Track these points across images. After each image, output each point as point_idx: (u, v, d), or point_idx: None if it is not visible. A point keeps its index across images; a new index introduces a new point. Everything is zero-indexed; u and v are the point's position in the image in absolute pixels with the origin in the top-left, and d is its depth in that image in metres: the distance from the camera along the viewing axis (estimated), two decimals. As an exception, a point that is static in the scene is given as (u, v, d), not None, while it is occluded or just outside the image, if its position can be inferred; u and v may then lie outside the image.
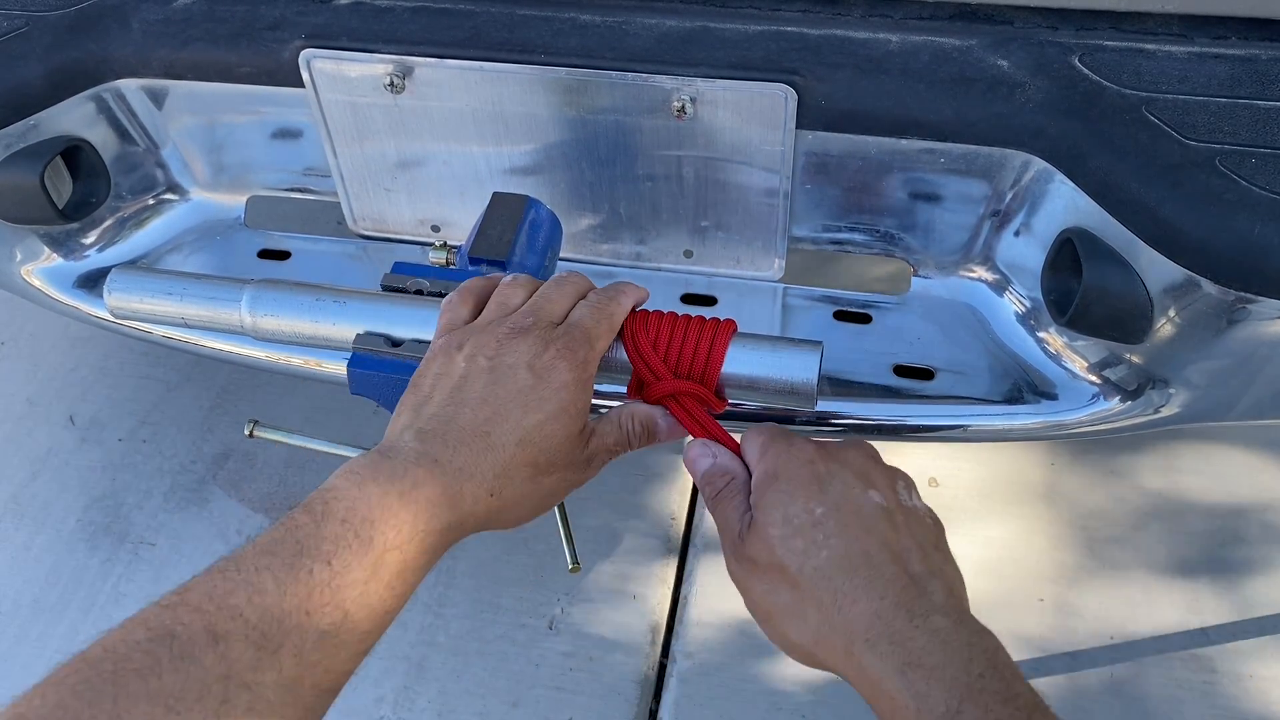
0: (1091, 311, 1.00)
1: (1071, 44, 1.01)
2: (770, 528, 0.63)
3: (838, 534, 0.62)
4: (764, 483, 0.66)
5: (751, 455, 0.70)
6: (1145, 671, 1.60)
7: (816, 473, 0.65)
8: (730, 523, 0.67)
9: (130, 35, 1.16)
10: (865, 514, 0.64)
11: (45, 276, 1.31)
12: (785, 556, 0.62)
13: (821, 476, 0.65)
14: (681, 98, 1.06)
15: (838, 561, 0.60)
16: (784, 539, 0.62)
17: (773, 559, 0.62)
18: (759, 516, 0.64)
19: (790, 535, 0.62)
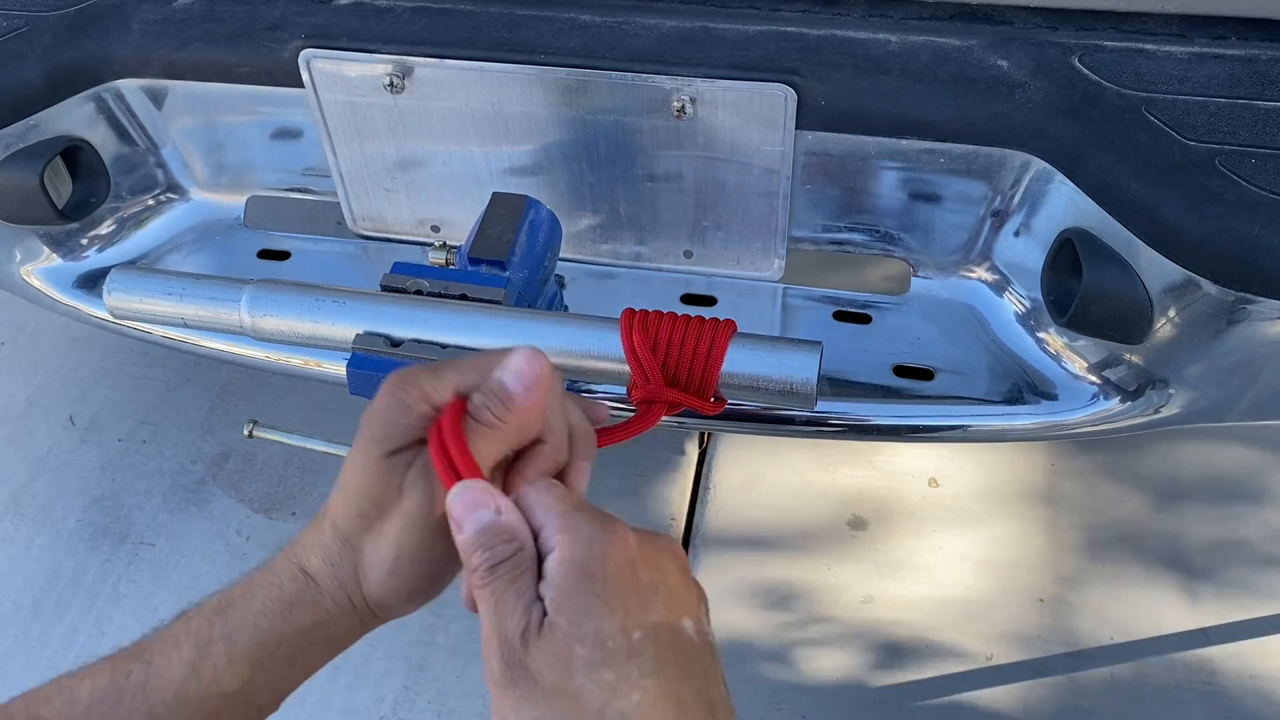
0: (1091, 312, 1.00)
1: (1071, 44, 1.01)
2: (576, 645, 0.48)
3: (654, 672, 0.49)
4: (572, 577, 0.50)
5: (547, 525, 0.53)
6: (1145, 671, 1.60)
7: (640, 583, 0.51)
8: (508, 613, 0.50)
9: (130, 35, 1.16)
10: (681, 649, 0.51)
11: (45, 276, 1.31)
12: (585, 688, 0.47)
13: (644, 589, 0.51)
14: (681, 98, 1.06)
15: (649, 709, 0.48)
16: (591, 666, 0.48)
17: (567, 685, 0.48)
18: (562, 623, 0.49)
19: (600, 663, 0.48)
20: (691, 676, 0.51)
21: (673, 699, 0.49)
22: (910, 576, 1.72)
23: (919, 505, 1.81)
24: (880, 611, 1.68)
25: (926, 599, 1.69)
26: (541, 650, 0.49)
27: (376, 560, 0.59)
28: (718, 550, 1.77)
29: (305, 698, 1.64)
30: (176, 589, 1.78)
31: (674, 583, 0.53)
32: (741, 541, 1.78)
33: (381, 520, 0.58)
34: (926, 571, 1.72)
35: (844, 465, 1.87)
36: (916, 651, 1.63)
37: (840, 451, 1.89)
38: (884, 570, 1.73)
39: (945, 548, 1.75)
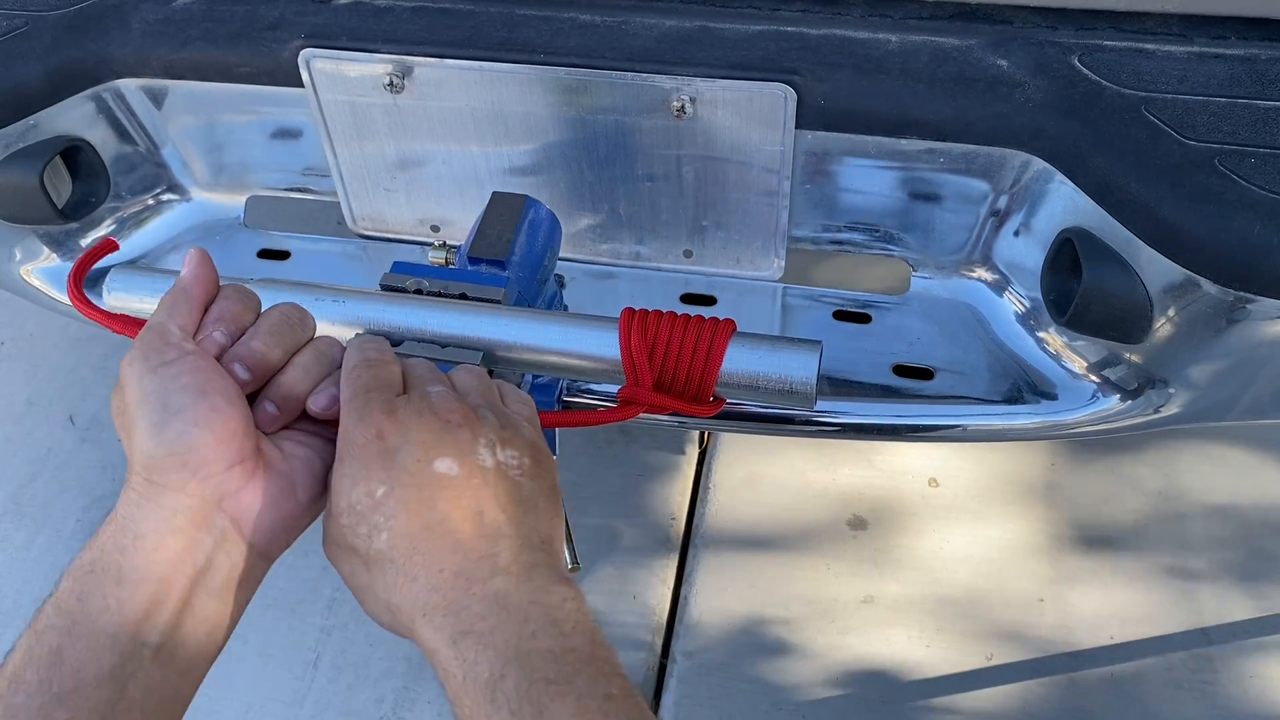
0: (1091, 311, 1.00)
1: (1071, 44, 1.01)
2: (341, 518, 0.62)
3: (398, 513, 0.59)
4: (334, 469, 0.63)
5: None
6: (1145, 671, 1.60)
7: (383, 449, 0.61)
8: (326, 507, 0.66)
9: (130, 35, 1.16)
10: (428, 485, 0.60)
11: (45, 276, 1.31)
12: (354, 542, 0.61)
13: (388, 452, 0.61)
14: (681, 98, 1.06)
15: (397, 542, 0.59)
16: (351, 527, 0.61)
17: (344, 545, 0.62)
18: (330, 503, 0.63)
19: (355, 522, 0.61)
20: (437, 505, 0.59)
21: (419, 525, 0.59)
22: (910, 576, 1.72)
23: (919, 505, 1.81)
24: (880, 611, 1.68)
25: (926, 599, 1.69)
26: (328, 526, 0.64)
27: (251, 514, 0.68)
28: (718, 550, 1.77)
29: (305, 698, 1.64)
30: (176, 589, 1.78)
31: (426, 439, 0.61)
32: (741, 541, 1.78)
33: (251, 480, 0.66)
34: (926, 571, 1.72)
35: (844, 465, 1.87)
36: (916, 651, 1.63)
37: (840, 451, 1.89)
38: (884, 570, 1.73)
39: (945, 548, 1.75)
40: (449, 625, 0.55)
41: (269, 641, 1.72)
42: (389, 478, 0.60)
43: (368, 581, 0.61)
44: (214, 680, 1.72)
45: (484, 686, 0.52)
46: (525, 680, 0.51)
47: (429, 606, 0.56)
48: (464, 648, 0.54)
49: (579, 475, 1.88)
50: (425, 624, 0.56)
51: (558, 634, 0.54)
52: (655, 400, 0.77)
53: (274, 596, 1.77)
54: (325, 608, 1.75)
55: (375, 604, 0.61)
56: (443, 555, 0.58)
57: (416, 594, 0.57)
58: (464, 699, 0.53)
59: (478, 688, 0.52)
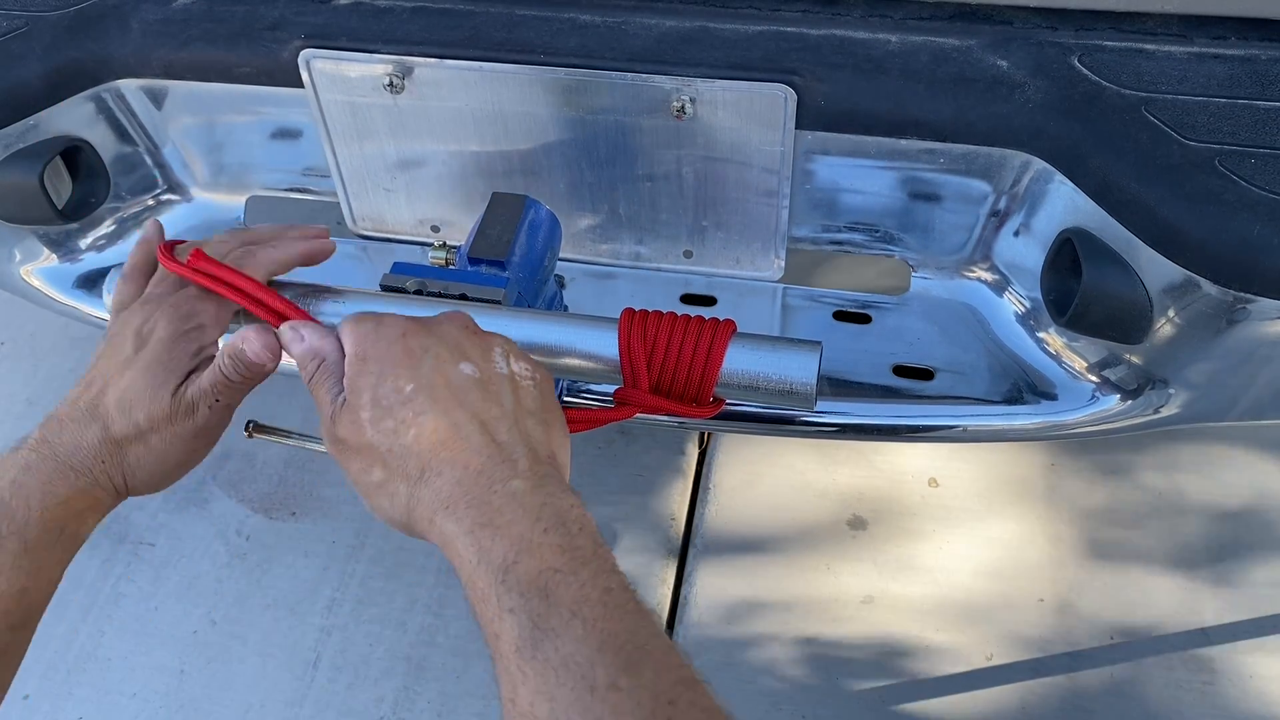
0: (1091, 312, 1.00)
1: (1071, 44, 1.01)
2: (361, 410, 0.63)
3: (427, 410, 0.62)
4: (354, 365, 0.66)
5: (345, 338, 0.69)
6: (1145, 671, 1.60)
7: (409, 348, 0.65)
8: (324, 405, 0.67)
9: (130, 35, 1.16)
10: (455, 387, 0.64)
11: (45, 276, 1.31)
12: (375, 438, 0.63)
13: (413, 352, 0.65)
14: (681, 98, 1.06)
15: (426, 437, 0.62)
16: (374, 421, 0.63)
17: (363, 440, 0.63)
18: (350, 399, 0.65)
19: (380, 417, 0.63)
20: (465, 404, 0.63)
21: (447, 424, 0.62)
22: (910, 576, 1.72)
23: (919, 505, 1.81)
24: (880, 611, 1.68)
25: (926, 599, 1.69)
26: (342, 421, 0.65)
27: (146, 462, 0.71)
28: (718, 550, 1.77)
29: (305, 698, 1.65)
30: (176, 589, 1.78)
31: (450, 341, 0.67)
32: (741, 541, 1.78)
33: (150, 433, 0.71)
34: (926, 571, 1.72)
35: (844, 465, 1.87)
36: (916, 651, 1.63)
37: (840, 451, 1.89)
38: (884, 570, 1.73)
39: (945, 548, 1.75)
40: (469, 517, 0.59)
41: (269, 641, 1.72)
42: (417, 376, 0.64)
43: (383, 478, 0.63)
44: (214, 680, 1.72)
45: (497, 569, 0.56)
46: (535, 567, 0.55)
47: (452, 500, 0.60)
48: (481, 537, 0.58)
49: (579, 475, 1.86)
50: (447, 516, 0.59)
51: (565, 533, 0.58)
52: (650, 402, 0.77)
53: (274, 596, 1.77)
54: (325, 608, 1.75)
55: (387, 500, 0.63)
56: (468, 455, 0.61)
57: (440, 488, 0.60)
58: (477, 581, 0.57)
59: (491, 571, 0.56)
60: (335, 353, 0.69)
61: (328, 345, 0.69)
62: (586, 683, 0.50)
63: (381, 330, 0.66)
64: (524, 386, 0.67)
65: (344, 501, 1.88)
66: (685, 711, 0.50)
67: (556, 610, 0.53)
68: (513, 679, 0.53)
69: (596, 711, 0.49)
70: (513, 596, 0.55)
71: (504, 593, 0.55)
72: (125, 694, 1.67)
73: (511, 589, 0.55)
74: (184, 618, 1.75)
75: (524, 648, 0.53)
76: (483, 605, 0.56)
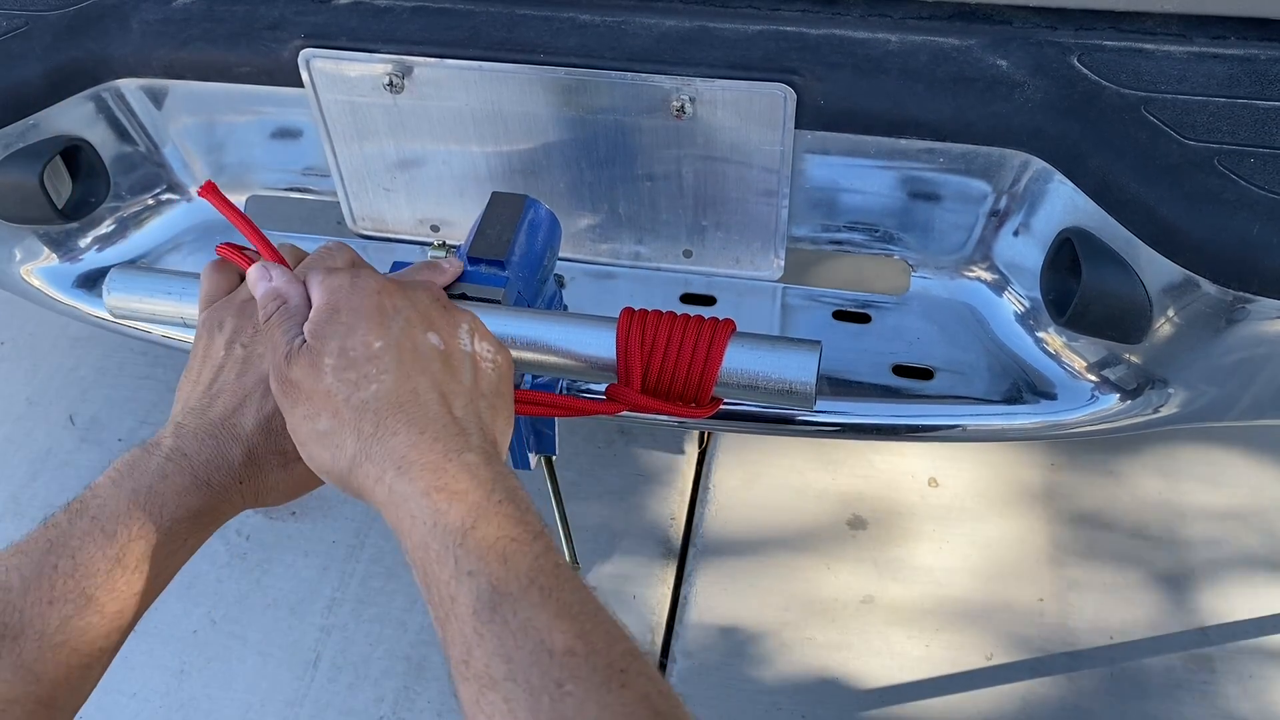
0: (1090, 311, 1.00)
1: (1070, 44, 1.01)
2: (325, 357, 0.64)
3: (391, 370, 0.64)
4: (324, 313, 0.66)
5: (314, 285, 0.70)
6: (1145, 671, 1.60)
7: (381, 306, 0.66)
8: (278, 345, 0.67)
9: (130, 35, 1.16)
10: (421, 353, 0.65)
11: (45, 276, 1.31)
12: (334, 387, 0.63)
13: (386, 312, 0.66)
14: (680, 97, 1.06)
15: (386, 396, 0.62)
16: (337, 370, 0.63)
17: (319, 387, 0.63)
18: (315, 345, 0.65)
19: (344, 367, 0.64)
20: (427, 373, 0.65)
21: (408, 389, 0.63)
22: (910, 576, 1.72)
23: (919, 505, 1.81)
24: (880, 611, 1.68)
25: (926, 599, 1.69)
26: (299, 364, 0.65)
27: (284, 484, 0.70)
28: (718, 550, 1.77)
29: (305, 698, 1.65)
30: (176, 589, 1.77)
31: (421, 309, 0.68)
32: (741, 541, 1.78)
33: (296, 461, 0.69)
34: (926, 571, 1.72)
35: (844, 465, 1.87)
36: (916, 651, 1.63)
37: (840, 451, 1.89)
38: (884, 570, 1.73)
39: (945, 548, 1.75)
40: (424, 479, 0.59)
41: (269, 641, 1.72)
42: (386, 335, 0.65)
43: (330, 427, 0.63)
44: (214, 679, 1.72)
45: (454, 532, 0.57)
46: (492, 534, 0.56)
47: (406, 461, 0.60)
48: (438, 500, 0.58)
49: (579, 475, 1.88)
50: (399, 476, 0.60)
51: (517, 507, 0.59)
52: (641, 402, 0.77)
53: (274, 596, 1.77)
54: (325, 608, 1.75)
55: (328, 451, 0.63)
56: (424, 420, 0.62)
57: (394, 448, 0.61)
58: (431, 543, 0.57)
59: (448, 533, 0.57)
60: (299, 300, 0.69)
61: (293, 290, 0.70)
62: (545, 646, 0.52)
63: (357, 285, 0.67)
64: (484, 368, 0.69)
65: (344, 502, 1.88)
66: (634, 679, 0.51)
67: (515, 576, 0.55)
68: (467, 640, 0.53)
69: (554, 674, 0.51)
70: (471, 559, 0.55)
71: (462, 555, 0.56)
72: (125, 694, 1.67)
73: (470, 552, 0.56)
74: (184, 617, 1.75)
75: (481, 610, 0.53)
76: (437, 567, 0.56)
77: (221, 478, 0.68)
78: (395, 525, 0.60)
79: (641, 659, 0.53)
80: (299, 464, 0.69)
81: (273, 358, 0.66)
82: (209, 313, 0.76)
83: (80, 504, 0.65)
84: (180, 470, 0.66)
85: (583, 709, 0.49)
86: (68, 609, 0.60)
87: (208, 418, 0.69)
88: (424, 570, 0.57)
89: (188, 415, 0.70)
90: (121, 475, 0.66)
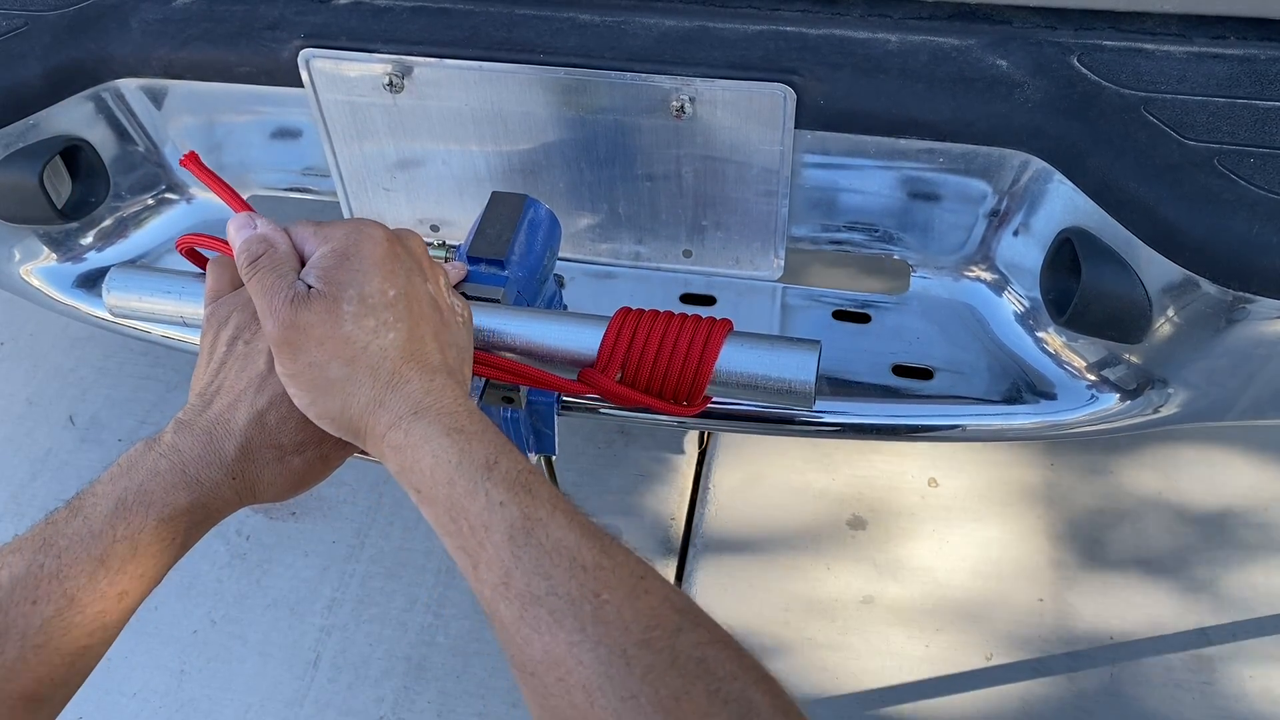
0: (1090, 311, 1.00)
1: (1070, 44, 1.01)
2: (345, 304, 0.64)
3: (405, 318, 0.66)
4: (335, 258, 0.66)
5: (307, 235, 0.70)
6: (1145, 671, 1.60)
7: (394, 253, 0.68)
8: (276, 289, 0.66)
9: (129, 35, 1.16)
10: (424, 303, 0.68)
11: (45, 276, 1.31)
12: (354, 333, 0.64)
13: (398, 258, 0.68)
14: (680, 97, 1.06)
15: (401, 343, 0.65)
16: (357, 316, 0.64)
17: (336, 333, 0.64)
18: (331, 290, 0.65)
19: (364, 313, 0.64)
20: (429, 322, 0.68)
21: (416, 337, 0.66)
22: (910, 576, 1.72)
23: (919, 505, 1.81)
24: (880, 611, 1.68)
25: (926, 599, 1.69)
26: (312, 309, 0.64)
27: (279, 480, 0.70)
28: (718, 550, 1.77)
29: (305, 698, 1.64)
30: (176, 589, 1.78)
31: (419, 260, 0.71)
32: (741, 541, 1.78)
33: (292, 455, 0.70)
34: (926, 571, 1.72)
35: (844, 465, 1.87)
36: (916, 651, 1.63)
37: (840, 451, 1.89)
38: (884, 570, 1.73)
39: (945, 548, 1.75)
40: (444, 421, 0.62)
41: (269, 641, 1.72)
42: (398, 284, 0.67)
43: (344, 374, 0.64)
44: (214, 680, 1.72)
45: (481, 468, 0.60)
46: (514, 467, 0.60)
47: (422, 406, 0.63)
48: (459, 440, 0.61)
49: (579, 475, 1.88)
50: (417, 420, 0.62)
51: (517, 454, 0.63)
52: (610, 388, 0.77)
53: (274, 596, 1.77)
54: (325, 608, 1.75)
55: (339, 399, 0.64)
56: (432, 369, 0.65)
57: (410, 394, 0.63)
58: (459, 478, 0.60)
59: (475, 469, 0.60)
60: (287, 246, 0.69)
61: (279, 236, 0.70)
62: (578, 562, 0.56)
63: (365, 233, 0.68)
64: (457, 322, 0.73)
65: (344, 502, 1.88)
66: (653, 584, 0.56)
67: (541, 503, 0.59)
68: (505, 565, 0.57)
69: (590, 585, 0.55)
70: (500, 490, 0.59)
71: (492, 488, 0.59)
72: (125, 694, 1.67)
73: (498, 484, 0.59)
74: (184, 617, 1.75)
75: (516, 535, 0.57)
76: (467, 500, 0.59)
77: (212, 474, 0.67)
78: (410, 467, 0.62)
79: (653, 569, 0.58)
80: (294, 458, 0.69)
81: (270, 302, 0.65)
82: (213, 308, 0.75)
83: (79, 501, 0.65)
84: (172, 467, 0.66)
85: (620, 612, 0.54)
86: (48, 609, 0.60)
87: (206, 415, 0.69)
88: (450, 505, 0.60)
89: (190, 411, 0.70)
90: (120, 472, 0.66)
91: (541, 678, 0.54)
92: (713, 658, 0.54)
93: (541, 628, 0.55)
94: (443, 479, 0.60)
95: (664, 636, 0.54)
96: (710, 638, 0.56)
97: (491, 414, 0.91)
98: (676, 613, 0.56)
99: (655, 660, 0.53)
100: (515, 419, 0.89)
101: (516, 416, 0.89)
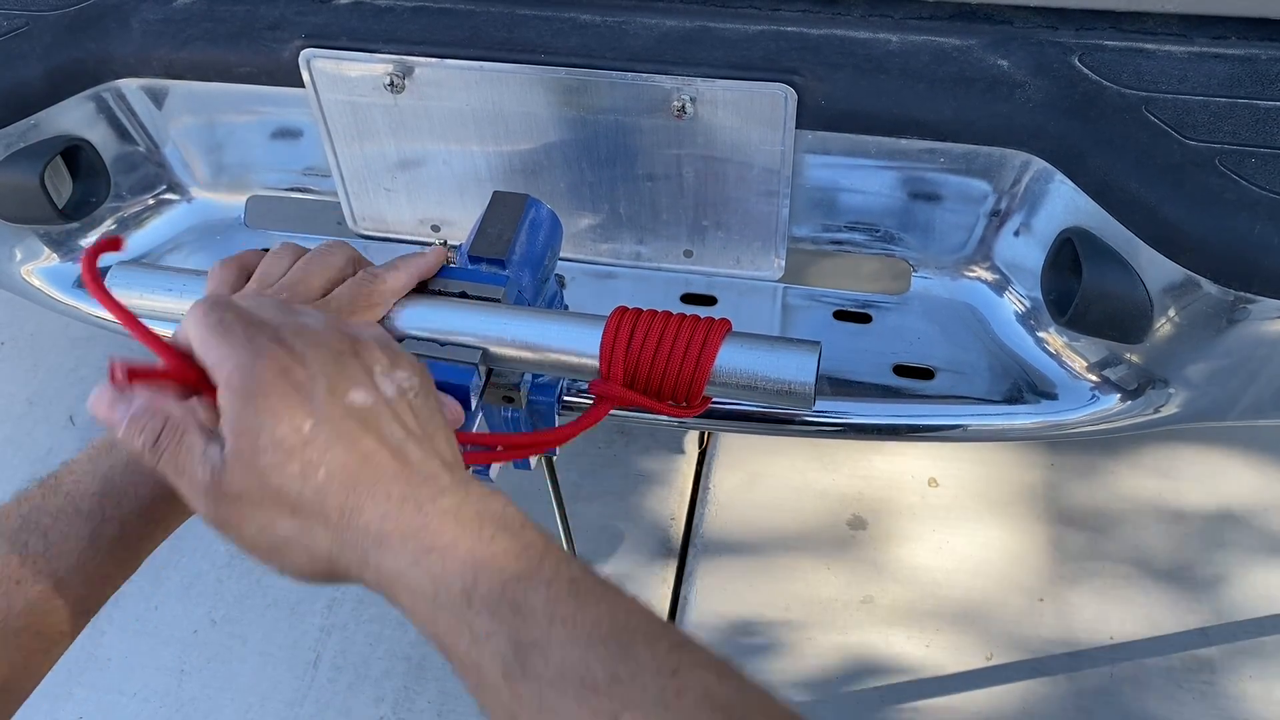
0: (1091, 311, 1.00)
1: (1071, 44, 1.01)
2: (260, 456, 0.55)
3: (333, 444, 0.56)
4: (238, 401, 0.56)
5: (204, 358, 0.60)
6: (1145, 671, 1.60)
7: (297, 383, 0.57)
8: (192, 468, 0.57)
9: (130, 35, 1.16)
10: (354, 414, 0.58)
11: (45, 276, 1.31)
12: (284, 483, 0.55)
13: (302, 387, 0.57)
14: (681, 97, 1.06)
15: (338, 475, 0.56)
16: (277, 467, 0.55)
17: (267, 491, 0.55)
18: (241, 445, 0.56)
19: (284, 461, 0.55)
20: (369, 431, 0.57)
21: (356, 457, 0.56)
22: (910, 576, 1.72)
23: (919, 505, 1.81)
24: (880, 612, 1.68)
25: (926, 599, 1.69)
26: (234, 475, 0.56)
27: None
28: (718, 550, 1.77)
29: (305, 698, 1.64)
30: (176, 589, 1.78)
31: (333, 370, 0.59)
32: (741, 541, 1.78)
33: None
34: (926, 571, 1.72)
35: (844, 465, 1.87)
36: (916, 651, 1.63)
37: (840, 451, 1.89)
38: (884, 570, 1.73)
39: (945, 548, 1.75)
40: (409, 548, 0.54)
41: (269, 641, 1.72)
42: (313, 412, 0.57)
43: (293, 531, 0.56)
44: (214, 680, 1.72)
45: (458, 596, 0.52)
46: (496, 581, 0.52)
47: (382, 535, 0.55)
48: (430, 565, 0.54)
49: (579, 475, 1.88)
50: (382, 552, 0.55)
51: (511, 535, 0.55)
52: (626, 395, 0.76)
53: (274, 596, 1.77)
54: (325, 608, 1.75)
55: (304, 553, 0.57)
56: (386, 483, 0.57)
57: (365, 525, 0.55)
58: (439, 615, 0.53)
59: (452, 598, 0.53)
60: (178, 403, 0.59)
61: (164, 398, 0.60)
62: (587, 685, 0.49)
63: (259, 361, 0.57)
64: (412, 399, 0.62)
65: (344, 501, 1.88)
66: (688, 676, 0.48)
67: (533, 621, 0.51)
68: (507, 707, 0.50)
69: (607, 707, 0.48)
70: (484, 620, 0.51)
71: (473, 619, 0.52)
72: (125, 694, 1.67)
73: (480, 612, 0.52)
74: (184, 617, 1.75)
75: (511, 671, 0.50)
76: (453, 638, 0.53)
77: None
78: (398, 605, 0.56)
79: (688, 645, 0.50)
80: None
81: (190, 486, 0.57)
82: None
83: (55, 480, 0.62)
84: None
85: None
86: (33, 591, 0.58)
87: None
88: (441, 645, 0.54)
89: None
90: (100, 452, 0.64)
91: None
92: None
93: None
94: (424, 616, 0.54)
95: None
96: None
97: (492, 413, 0.91)
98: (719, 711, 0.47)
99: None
100: (515, 419, 0.89)
101: (517, 416, 0.89)
